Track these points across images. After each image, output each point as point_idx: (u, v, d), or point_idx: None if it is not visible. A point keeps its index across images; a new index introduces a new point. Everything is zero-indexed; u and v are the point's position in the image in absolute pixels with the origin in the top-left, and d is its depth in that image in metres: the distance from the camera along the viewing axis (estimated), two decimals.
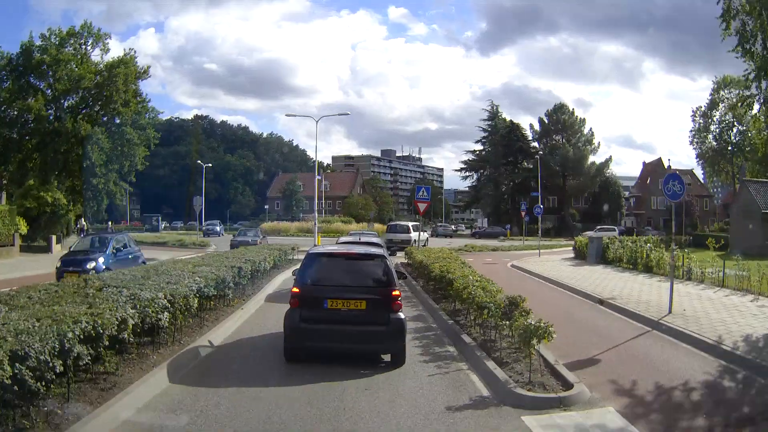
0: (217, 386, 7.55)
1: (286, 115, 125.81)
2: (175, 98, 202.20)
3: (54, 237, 32.84)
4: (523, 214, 43.58)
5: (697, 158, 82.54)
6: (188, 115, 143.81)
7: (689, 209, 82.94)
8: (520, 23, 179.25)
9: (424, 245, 41.00)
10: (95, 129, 35.77)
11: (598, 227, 66.00)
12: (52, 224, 35.70)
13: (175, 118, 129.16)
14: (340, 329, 8.58)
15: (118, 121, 38.22)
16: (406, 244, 33.79)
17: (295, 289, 8.89)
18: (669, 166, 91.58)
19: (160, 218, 78.07)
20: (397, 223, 42.67)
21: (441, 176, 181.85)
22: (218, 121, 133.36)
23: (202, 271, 11.47)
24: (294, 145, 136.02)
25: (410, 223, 40.27)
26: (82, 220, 53.23)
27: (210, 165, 68.43)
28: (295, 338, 8.74)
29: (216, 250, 33.98)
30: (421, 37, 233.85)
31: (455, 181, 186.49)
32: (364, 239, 18.58)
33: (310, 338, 8.62)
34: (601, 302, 16.32)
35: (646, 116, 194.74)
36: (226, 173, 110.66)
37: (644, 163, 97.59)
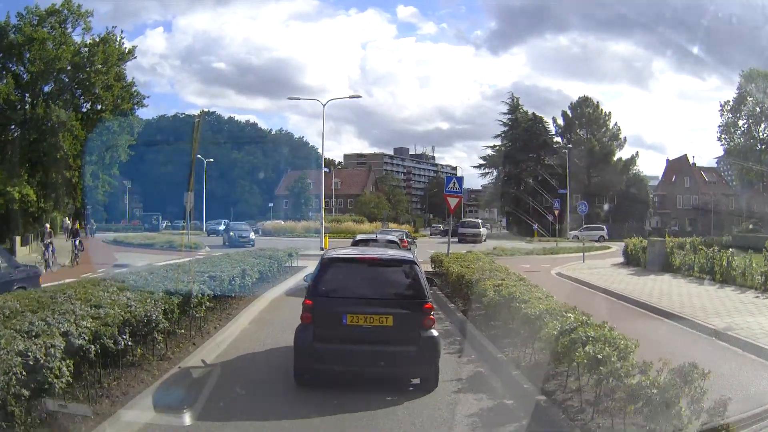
0: None
1: (289, 98, 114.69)
2: (185, 98, 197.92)
3: (18, 238, 28.28)
4: (556, 213, 38.98)
5: (725, 154, 78.33)
6: (196, 113, 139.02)
7: (716, 208, 78.11)
8: (530, 22, 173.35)
9: (485, 240, 46.86)
10: (69, 114, 31.18)
11: (584, 226, 60.66)
12: (24, 223, 31.40)
13: (181, 114, 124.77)
14: (362, 350, 7.26)
15: (99, 107, 33.64)
16: (476, 237, 46.16)
17: (308, 301, 7.49)
18: (694, 164, 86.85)
19: (160, 217, 73.42)
20: (469, 220, 52.28)
21: (455, 175, 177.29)
22: (225, 117, 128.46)
23: (117, 303, 6.80)
24: (304, 141, 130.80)
25: (479, 220, 52.60)
26: (67, 219, 49.20)
27: (211, 160, 63.96)
28: (307, 360, 7.40)
29: (208, 253, 29.56)
30: (430, 36, 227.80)
31: (468, 181, 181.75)
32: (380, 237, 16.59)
33: (325, 360, 7.29)
34: (716, 334, 11.56)
35: (656, 116, 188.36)
36: (232, 170, 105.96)
37: (668, 160, 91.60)
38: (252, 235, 37.12)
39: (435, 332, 7.45)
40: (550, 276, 22.54)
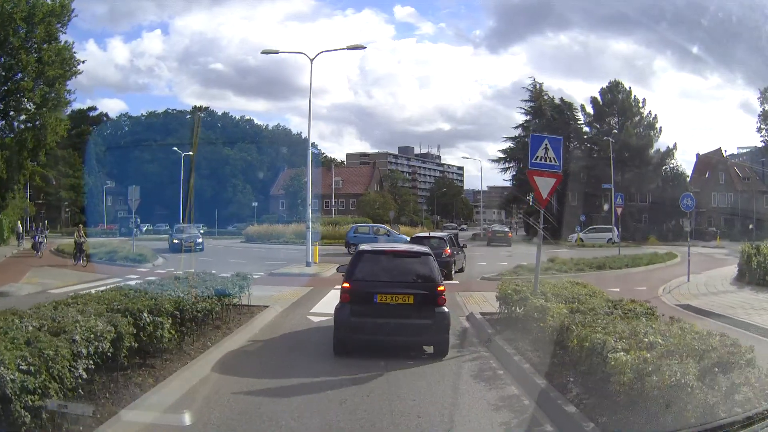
0: None
1: (263, 52, 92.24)
2: (183, 100, 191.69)
3: None
4: (619, 210, 30.57)
5: (764, 147, 71.32)
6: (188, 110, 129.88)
7: (758, 207, 70.14)
8: (530, 20, 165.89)
9: None
10: None
11: (591, 227, 52.01)
12: None
13: (172, 110, 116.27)
14: (389, 322, 8.98)
15: (19, 75, 25.25)
16: None
17: (346, 285, 9.17)
18: (726, 158, 78.78)
19: (139, 220, 65.06)
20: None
21: (462, 175, 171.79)
22: (219, 113, 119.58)
23: None
24: (304, 138, 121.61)
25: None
26: (19, 223, 41.91)
27: (190, 153, 55.48)
28: (345, 332, 9.09)
29: (153, 271, 21.45)
30: (429, 36, 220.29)
31: (472, 182, 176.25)
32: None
33: (359, 331, 8.99)
34: None
35: (659, 115, 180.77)
36: (223, 168, 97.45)
37: (698, 154, 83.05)
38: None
39: (446, 309, 9.22)
40: (673, 310, 13.97)
